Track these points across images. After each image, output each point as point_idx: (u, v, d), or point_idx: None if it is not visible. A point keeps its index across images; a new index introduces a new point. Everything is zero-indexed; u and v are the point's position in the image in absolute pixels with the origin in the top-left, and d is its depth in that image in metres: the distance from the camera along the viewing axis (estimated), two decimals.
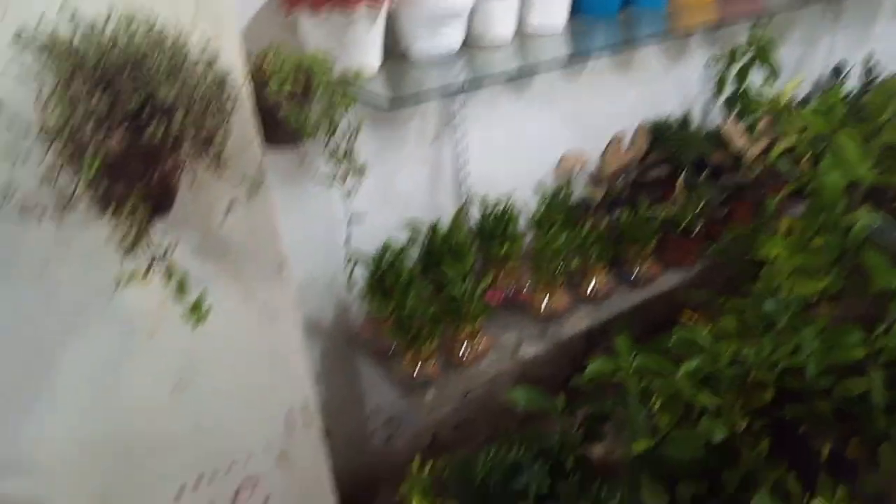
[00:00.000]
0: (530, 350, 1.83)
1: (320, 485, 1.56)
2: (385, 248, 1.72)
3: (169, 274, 0.95)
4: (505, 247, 1.88)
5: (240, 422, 1.36)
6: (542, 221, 1.90)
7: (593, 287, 1.95)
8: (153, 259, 0.95)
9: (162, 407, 1.24)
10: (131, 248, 0.90)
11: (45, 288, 1.04)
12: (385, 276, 1.70)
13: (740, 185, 2.07)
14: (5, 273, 1.01)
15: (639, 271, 2.00)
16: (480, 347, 1.78)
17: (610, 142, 2.13)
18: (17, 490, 1.15)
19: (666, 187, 2.06)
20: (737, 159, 2.12)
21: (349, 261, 1.63)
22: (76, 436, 1.17)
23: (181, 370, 1.24)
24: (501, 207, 1.89)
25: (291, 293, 1.31)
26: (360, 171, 1.27)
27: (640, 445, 1.66)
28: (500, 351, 1.81)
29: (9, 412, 1.09)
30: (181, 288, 0.95)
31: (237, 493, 1.42)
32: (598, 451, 2.09)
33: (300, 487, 1.51)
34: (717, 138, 2.16)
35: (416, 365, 1.71)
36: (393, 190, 1.80)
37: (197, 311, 0.96)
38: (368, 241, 1.71)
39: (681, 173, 2.07)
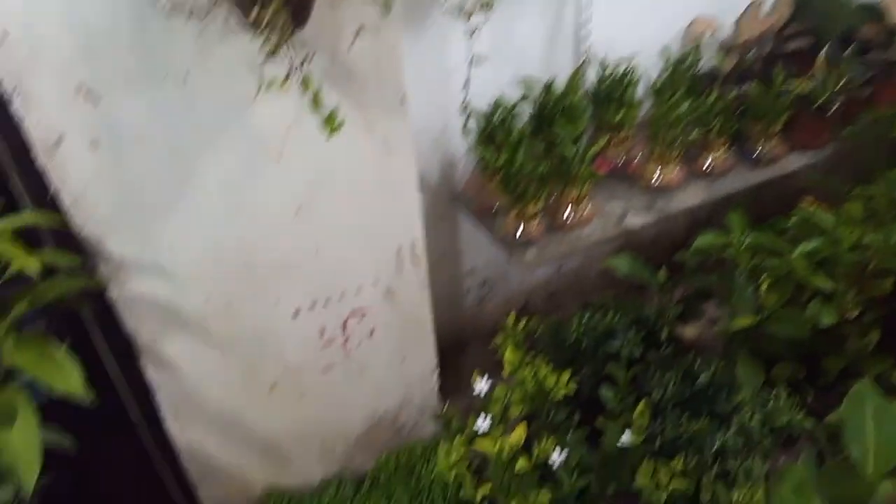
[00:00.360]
0: (636, 221, 1.79)
1: (422, 325, 1.63)
2: (497, 104, 1.69)
3: (305, 84, 0.96)
4: (620, 113, 1.80)
5: (353, 253, 1.42)
6: (663, 89, 1.80)
7: (710, 163, 1.87)
8: (291, 68, 0.97)
9: (285, 229, 1.31)
10: (273, 52, 0.92)
11: (187, 96, 1.09)
12: (495, 132, 1.68)
13: (890, 62, 1.87)
14: (151, 75, 1.05)
15: (762, 150, 1.88)
16: (585, 213, 1.75)
17: (747, 6, 1.95)
18: (153, 291, 1.26)
19: (804, 61, 1.89)
20: (890, 34, 1.91)
21: (465, 107, 1.61)
22: (207, 246, 1.26)
23: (304, 195, 1.29)
24: (621, 71, 1.80)
25: (410, 128, 1.31)
26: (488, 5, 1.23)
27: (743, 321, 1.63)
28: (604, 218, 1.79)
29: (148, 215, 1.18)
30: (316, 99, 0.96)
31: (346, 321, 1.50)
32: (689, 332, 2.07)
33: (403, 324, 1.59)
34: (870, 10, 1.94)
35: (520, 224, 1.71)
36: (510, 42, 1.73)
37: (331, 123, 0.98)
38: (480, 96, 1.67)
39: (823, 46, 1.89)
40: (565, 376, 1.57)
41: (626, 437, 1.44)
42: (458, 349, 2.25)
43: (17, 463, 1.02)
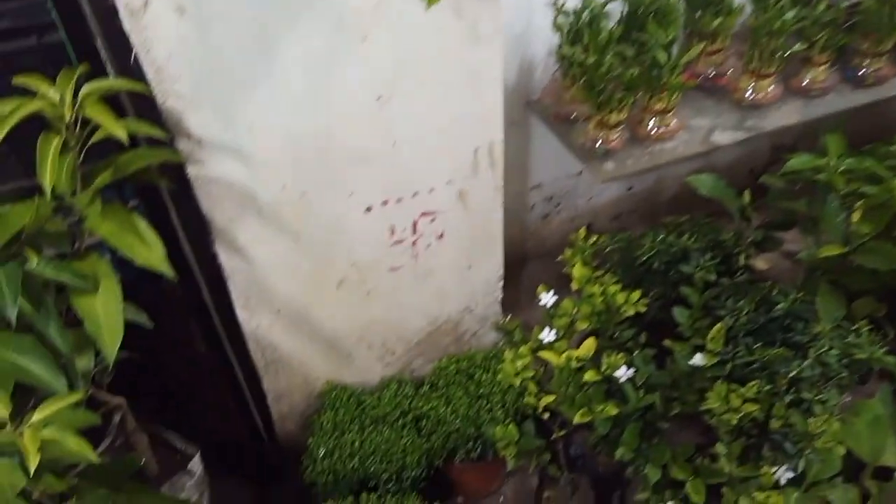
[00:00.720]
0: (724, 138, 1.69)
1: (492, 231, 1.59)
2: (587, 1, 1.58)
3: None
4: (718, 20, 1.67)
5: (430, 150, 1.37)
6: None
7: (810, 80, 1.74)
8: None
9: (364, 117, 1.26)
10: None
11: None
12: (582, 32, 1.58)
13: None
14: None
15: (868, 69, 1.74)
16: (670, 126, 1.66)
17: None
18: (230, 173, 1.23)
19: None
20: None
21: None
22: (286, 130, 1.22)
23: (386, 81, 1.23)
24: None
25: (501, 15, 1.23)
26: None
27: (830, 250, 1.55)
28: (690, 133, 1.69)
29: (229, 93, 1.14)
30: None
31: (416, 221, 1.47)
32: (761, 263, 1.99)
33: (473, 229, 1.55)
34: None
35: (600, 133, 1.63)
36: None
37: None
38: None
39: None
40: (636, 295, 1.52)
41: (698, 359, 1.39)
42: (519, 265, 2.21)
43: (101, 331, 1.03)
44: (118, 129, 0.94)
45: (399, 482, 1.54)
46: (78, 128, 0.99)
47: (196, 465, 1.50)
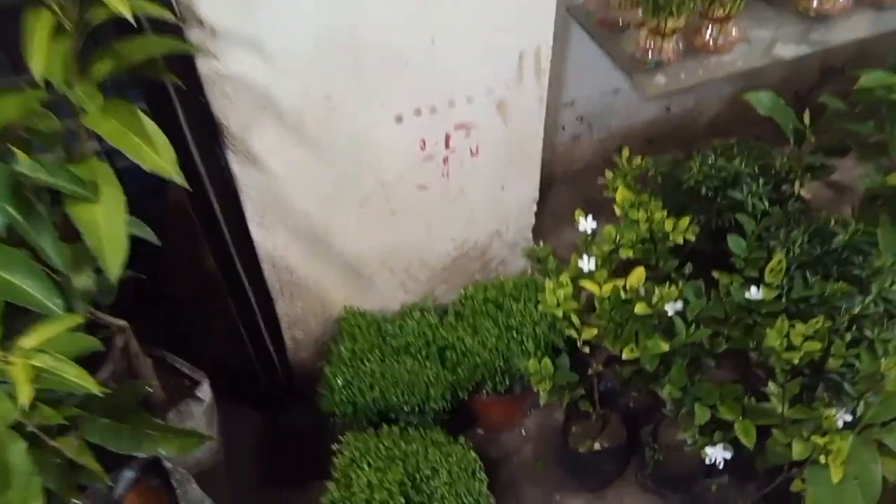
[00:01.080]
0: (786, 51, 1.53)
1: (530, 148, 1.45)
2: None
3: None
4: None
5: (471, 53, 1.21)
6: None
7: None
8: None
9: (400, 9, 1.09)
10: None
11: None
12: None
13: None
14: None
15: None
16: (730, 36, 1.50)
17: None
18: (248, 72, 1.08)
19: None
20: None
21: None
22: (312, 23, 1.06)
23: None
24: None
25: None
26: None
27: None
28: (750, 46, 1.53)
29: None
30: None
31: (450, 135, 1.33)
32: (802, 192, 1.87)
33: (510, 146, 1.41)
34: None
35: (653, 42, 1.47)
36: None
37: None
38: None
39: None
40: (685, 221, 1.40)
41: (755, 293, 1.28)
42: (545, 188, 2.07)
43: (102, 245, 0.90)
44: (121, 5, 0.77)
45: (422, 414, 1.46)
46: (73, 6, 0.83)
47: (205, 391, 1.40)
